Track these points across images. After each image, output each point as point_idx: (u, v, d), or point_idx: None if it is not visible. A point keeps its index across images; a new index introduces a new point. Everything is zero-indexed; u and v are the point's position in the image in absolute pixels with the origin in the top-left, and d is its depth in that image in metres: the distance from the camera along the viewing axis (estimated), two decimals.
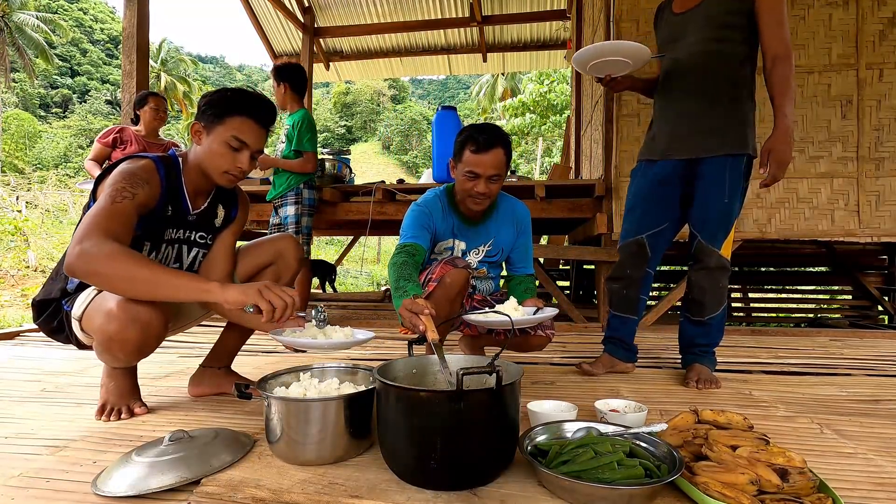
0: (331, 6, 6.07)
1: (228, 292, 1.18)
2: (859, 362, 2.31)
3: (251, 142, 1.44)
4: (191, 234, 1.54)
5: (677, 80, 1.93)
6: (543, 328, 1.86)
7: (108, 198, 1.27)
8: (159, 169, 1.41)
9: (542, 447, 1.06)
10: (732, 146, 1.82)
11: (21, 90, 32.60)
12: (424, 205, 1.83)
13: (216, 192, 1.59)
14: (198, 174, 1.48)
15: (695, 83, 1.88)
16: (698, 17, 1.88)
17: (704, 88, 1.87)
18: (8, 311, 6.36)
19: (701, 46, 1.86)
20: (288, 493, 0.96)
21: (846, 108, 3.08)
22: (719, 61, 1.84)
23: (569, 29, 5.79)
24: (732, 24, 1.82)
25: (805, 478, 0.92)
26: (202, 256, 1.60)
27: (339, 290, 6.06)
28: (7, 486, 1.02)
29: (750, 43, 1.85)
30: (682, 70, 1.91)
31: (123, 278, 1.16)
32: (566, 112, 19.12)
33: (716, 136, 1.84)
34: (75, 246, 1.17)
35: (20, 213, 9.45)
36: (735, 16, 1.82)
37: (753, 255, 4.77)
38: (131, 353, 1.31)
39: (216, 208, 1.59)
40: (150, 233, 1.44)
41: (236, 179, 1.48)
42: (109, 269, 1.16)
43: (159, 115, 3.37)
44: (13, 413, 1.51)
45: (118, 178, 1.32)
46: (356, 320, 3.57)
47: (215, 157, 1.43)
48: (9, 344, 2.67)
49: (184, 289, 1.18)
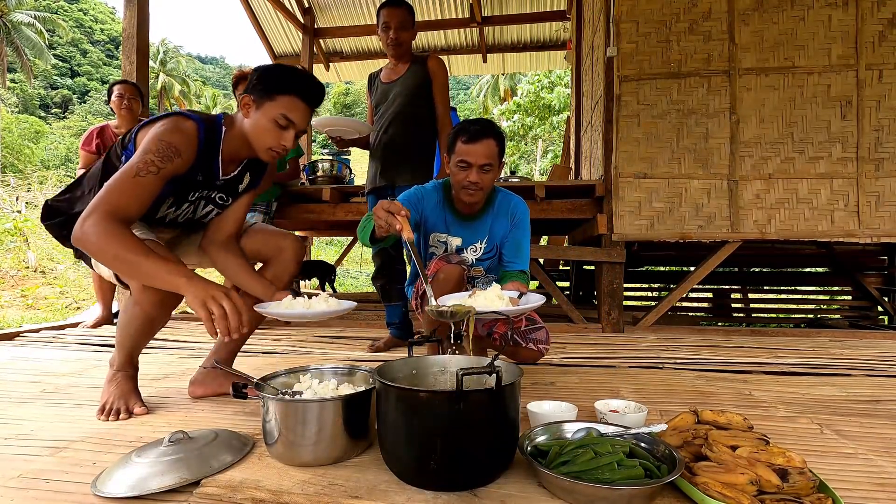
0: (331, 7, 6.06)
1: (190, 290, 1.22)
2: (859, 363, 2.31)
3: (298, 121, 1.46)
4: (212, 193, 1.57)
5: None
6: (536, 342, 1.85)
7: (133, 169, 1.30)
8: (200, 135, 1.42)
9: (542, 448, 1.06)
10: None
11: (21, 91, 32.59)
12: (420, 189, 1.89)
13: (248, 161, 1.61)
14: (239, 144, 1.50)
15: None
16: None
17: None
18: (8, 311, 6.35)
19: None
20: (288, 494, 0.96)
21: (846, 108, 3.08)
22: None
23: (569, 30, 5.79)
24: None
25: (805, 478, 0.92)
26: (215, 215, 1.63)
27: (339, 290, 6.06)
28: (7, 488, 1.02)
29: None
30: None
31: (110, 259, 1.24)
32: (565, 113, 19.13)
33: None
34: (83, 221, 1.24)
35: (20, 213, 9.44)
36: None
37: (753, 256, 4.77)
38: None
39: (244, 176, 1.62)
40: (176, 193, 1.47)
41: (279, 156, 1.51)
42: (100, 252, 1.24)
43: (124, 102, 3.18)
44: (13, 414, 1.51)
45: (151, 147, 1.33)
46: (356, 320, 3.57)
47: (262, 132, 1.45)
48: (9, 344, 2.67)
49: (159, 280, 1.25)
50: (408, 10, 2.51)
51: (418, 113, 2.55)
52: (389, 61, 2.65)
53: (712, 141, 3.17)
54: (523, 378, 1.10)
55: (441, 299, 1.55)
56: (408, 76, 2.56)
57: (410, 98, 2.53)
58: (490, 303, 1.47)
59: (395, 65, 2.62)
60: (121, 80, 3.32)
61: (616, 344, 2.74)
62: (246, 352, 2.49)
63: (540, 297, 1.56)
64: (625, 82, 3.25)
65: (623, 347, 2.64)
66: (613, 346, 2.69)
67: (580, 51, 5.10)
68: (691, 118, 3.19)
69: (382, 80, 2.65)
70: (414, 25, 2.54)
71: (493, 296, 1.50)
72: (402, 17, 2.48)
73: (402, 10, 2.49)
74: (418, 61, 2.57)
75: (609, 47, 3.26)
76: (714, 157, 3.17)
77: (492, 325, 1.94)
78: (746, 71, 3.15)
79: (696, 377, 2.04)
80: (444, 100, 2.56)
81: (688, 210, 3.19)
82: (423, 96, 2.54)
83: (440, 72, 2.56)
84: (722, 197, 3.16)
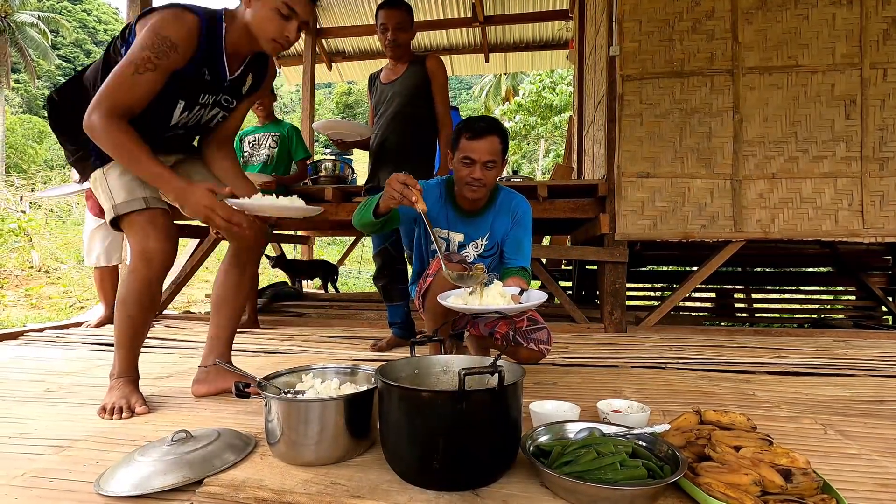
0: (333, 6, 6.06)
1: (189, 199, 1.34)
2: (863, 363, 2.29)
3: (301, 11, 1.46)
4: (220, 97, 1.59)
5: None
6: (538, 342, 1.85)
7: (130, 65, 1.34)
8: (202, 29, 1.43)
9: (544, 448, 1.06)
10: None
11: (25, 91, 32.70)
12: (422, 184, 1.89)
13: (251, 58, 1.62)
14: (241, 36, 1.50)
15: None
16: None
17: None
18: (12, 310, 6.38)
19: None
20: (290, 494, 0.96)
21: (850, 107, 3.07)
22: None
23: (571, 29, 5.78)
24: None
25: (809, 478, 0.91)
26: (221, 119, 1.66)
27: (341, 290, 6.06)
28: (11, 486, 1.03)
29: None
30: None
31: (111, 148, 1.36)
32: (567, 112, 19.11)
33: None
34: (90, 114, 1.34)
35: (24, 213, 9.49)
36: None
37: (756, 256, 4.75)
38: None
39: (247, 76, 1.63)
40: (187, 93, 1.50)
41: (282, 48, 1.51)
42: (105, 143, 1.35)
43: None
44: (17, 413, 1.51)
45: (147, 42, 1.35)
46: (359, 320, 3.57)
47: (264, 22, 1.44)
48: (12, 344, 2.68)
49: (160, 179, 1.36)
50: (406, 11, 2.50)
51: (417, 113, 2.55)
52: (389, 61, 2.66)
53: (715, 140, 3.16)
54: (525, 378, 1.10)
55: (441, 296, 1.56)
56: (406, 76, 2.56)
57: (409, 98, 2.54)
58: (492, 300, 1.48)
59: (394, 65, 2.62)
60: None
61: (618, 344, 2.74)
62: (248, 351, 2.50)
63: (542, 295, 1.56)
64: (627, 81, 3.24)
65: (625, 347, 2.64)
66: (616, 346, 2.69)
67: (583, 50, 5.08)
68: (694, 117, 3.18)
69: (382, 80, 2.67)
70: (412, 26, 2.54)
71: (495, 293, 1.50)
72: (399, 18, 2.47)
73: (399, 11, 2.48)
74: (417, 61, 2.57)
75: (612, 46, 3.25)
76: (717, 156, 3.16)
77: (493, 325, 1.93)
78: (750, 70, 3.13)
79: (699, 377, 2.03)
80: (444, 99, 2.57)
81: (691, 210, 3.18)
82: (422, 96, 2.54)
83: (439, 71, 2.56)
84: (725, 196, 3.15)
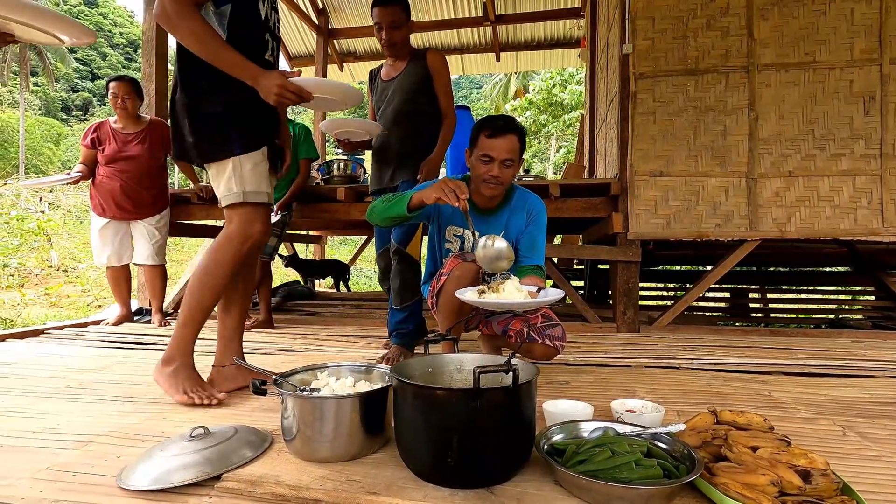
0: (345, 7, 6.10)
1: (264, 82, 1.51)
2: (883, 364, 2.25)
3: None
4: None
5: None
6: (552, 338, 1.84)
7: None
8: None
9: (558, 446, 1.06)
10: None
11: (44, 94, 33.34)
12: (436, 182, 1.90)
13: None
14: None
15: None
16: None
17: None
18: (32, 309, 6.51)
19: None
20: (307, 490, 0.97)
21: (869, 104, 3.01)
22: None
23: (583, 27, 5.75)
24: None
25: (828, 480, 0.90)
26: (276, 20, 1.83)
27: (353, 289, 6.10)
28: (36, 479, 1.05)
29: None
30: None
31: (187, 34, 1.51)
32: (577, 111, 18.98)
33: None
34: (161, 3, 1.47)
35: (43, 213, 9.68)
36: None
37: (772, 255, 4.68)
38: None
39: None
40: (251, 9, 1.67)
41: None
42: (185, 33, 1.51)
43: (118, 101, 3.14)
44: (40, 408, 1.55)
45: None
46: (370, 319, 3.59)
47: None
48: (34, 341, 2.74)
49: (234, 65, 1.52)
50: (400, 8, 2.39)
51: (418, 110, 2.47)
52: (388, 58, 2.60)
53: (730, 138, 3.12)
54: (538, 377, 1.10)
55: (458, 292, 1.58)
56: (406, 73, 2.48)
57: (409, 95, 2.46)
58: (510, 295, 1.49)
59: (393, 62, 2.55)
60: (116, 77, 3.21)
61: (631, 344, 2.72)
62: (263, 350, 2.53)
63: (559, 292, 1.58)
64: (640, 79, 3.22)
65: (638, 347, 2.62)
66: (629, 345, 2.67)
67: (594, 48, 5.05)
68: (709, 115, 3.15)
69: (382, 77, 2.61)
70: (408, 22, 2.44)
71: (513, 288, 1.52)
72: (392, 15, 2.37)
73: (392, 9, 2.38)
74: (417, 57, 2.49)
75: (624, 44, 3.23)
76: (732, 154, 3.12)
77: (507, 323, 1.94)
78: (766, 67, 3.09)
79: (713, 378, 2.02)
80: (447, 91, 2.49)
81: (705, 208, 3.14)
82: (422, 92, 2.46)
83: (440, 65, 2.47)
84: (740, 195, 3.11)
